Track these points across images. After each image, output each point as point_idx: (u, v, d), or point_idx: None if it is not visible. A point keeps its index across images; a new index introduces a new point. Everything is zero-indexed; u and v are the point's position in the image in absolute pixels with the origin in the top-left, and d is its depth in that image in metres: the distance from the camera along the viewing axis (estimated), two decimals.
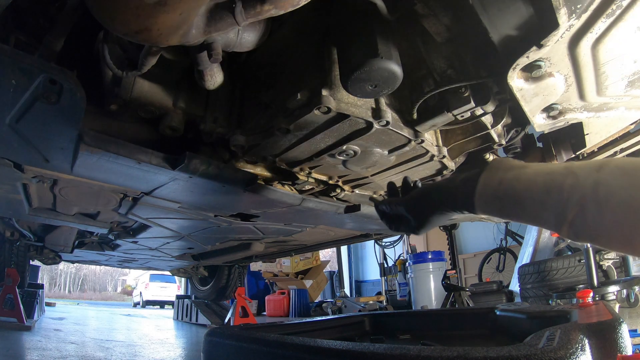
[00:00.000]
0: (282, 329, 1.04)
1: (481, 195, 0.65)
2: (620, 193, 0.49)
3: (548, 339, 0.48)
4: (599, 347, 0.49)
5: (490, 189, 0.63)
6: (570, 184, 0.53)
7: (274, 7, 0.68)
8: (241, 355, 0.71)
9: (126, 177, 1.26)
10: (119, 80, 1.02)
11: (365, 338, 1.15)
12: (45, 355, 2.07)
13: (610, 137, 1.33)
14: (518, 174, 0.61)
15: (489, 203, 0.64)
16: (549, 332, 0.51)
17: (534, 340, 0.49)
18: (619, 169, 0.51)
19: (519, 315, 0.93)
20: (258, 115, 1.14)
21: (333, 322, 1.19)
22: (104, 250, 2.77)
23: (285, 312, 5.28)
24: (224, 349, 0.76)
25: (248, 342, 0.70)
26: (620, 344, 0.55)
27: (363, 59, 0.81)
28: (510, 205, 0.62)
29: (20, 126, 0.92)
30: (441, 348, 0.49)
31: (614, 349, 0.54)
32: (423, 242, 8.04)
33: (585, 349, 0.45)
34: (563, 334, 0.49)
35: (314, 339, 0.64)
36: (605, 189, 0.50)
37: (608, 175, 0.51)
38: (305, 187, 1.45)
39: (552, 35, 0.73)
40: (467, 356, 0.45)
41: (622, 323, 0.61)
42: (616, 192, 0.49)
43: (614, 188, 0.49)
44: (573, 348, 0.44)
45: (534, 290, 3.13)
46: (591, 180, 0.51)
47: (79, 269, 26.91)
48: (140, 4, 0.65)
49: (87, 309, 8.26)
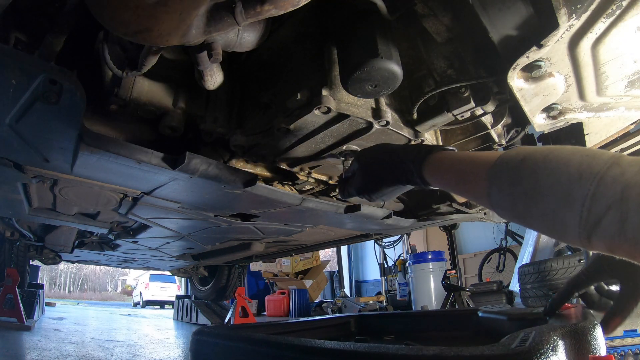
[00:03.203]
0: (270, 328, 1.05)
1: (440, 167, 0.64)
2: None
3: (522, 340, 0.49)
4: (572, 348, 0.50)
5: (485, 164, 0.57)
6: (614, 175, 0.40)
7: (274, 7, 0.68)
8: (227, 353, 0.73)
9: (126, 177, 1.26)
10: (119, 80, 1.02)
11: (351, 338, 1.16)
12: (45, 355, 2.07)
13: (610, 137, 1.33)
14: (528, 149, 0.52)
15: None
16: (524, 333, 0.52)
17: (508, 341, 0.50)
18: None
19: (500, 317, 0.95)
20: (258, 115, 1.14)
21: (320, 323, 1.21)
22: (104, 250, 2.77)
23: (285, 312, 5.27)
24: (211, 347, 0.78)
25: (234, 341, 0.72)
26: (594, 345, 0.57)
27: (363, 59, 0.81)
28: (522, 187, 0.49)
29: (20, 126, 0.92)
30: (418, 347, 0.51)
31: (587, 350, 0.55)
32: (423, 242, 8.04)
33: (557, 350, 0.46)
34: (537, 335, 0.49)
35: (298, 338, 0.66)
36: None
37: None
38: (305, 187, 1.45)
39: (552, 35, 0.73)
40: (442, 355, 0.46)
41: (596, 325, 0.63)
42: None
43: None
44: (544, 349, 0.44)
45: (534, 290, 3.13)
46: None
47: (79, 269, 26.92)
48: (140, 4, 0.65)
49: (87, 309, 8.26)
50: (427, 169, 0.67)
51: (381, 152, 0.78)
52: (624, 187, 0.39)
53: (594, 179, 0.41)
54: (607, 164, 0.42)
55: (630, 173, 0.40)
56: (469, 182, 0.59)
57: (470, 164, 0.60)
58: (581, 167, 0.43)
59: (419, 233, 7.92)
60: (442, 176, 0.65)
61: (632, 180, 0.39)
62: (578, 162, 0.44)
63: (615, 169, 0.41)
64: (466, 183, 0.60)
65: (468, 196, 0.61)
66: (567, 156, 0.46)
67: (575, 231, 0.43)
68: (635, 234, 0.38)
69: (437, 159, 0.66)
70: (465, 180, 0.60)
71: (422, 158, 0.68)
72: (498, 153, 0.55)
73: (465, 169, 0.60)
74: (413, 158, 0.69)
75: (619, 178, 0.40)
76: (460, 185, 0.62)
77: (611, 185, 0.40)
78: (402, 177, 0.72)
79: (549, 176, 0.46)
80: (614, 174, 0.40)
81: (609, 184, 0.40)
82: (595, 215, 0.41)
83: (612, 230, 0.39)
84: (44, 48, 0.94)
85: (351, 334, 1.23)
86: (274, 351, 0.63)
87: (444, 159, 0.65)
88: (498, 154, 0.55)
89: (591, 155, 0.44)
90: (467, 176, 0.60)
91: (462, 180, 0.61)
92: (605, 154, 0.44)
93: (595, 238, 0.41)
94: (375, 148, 0.81)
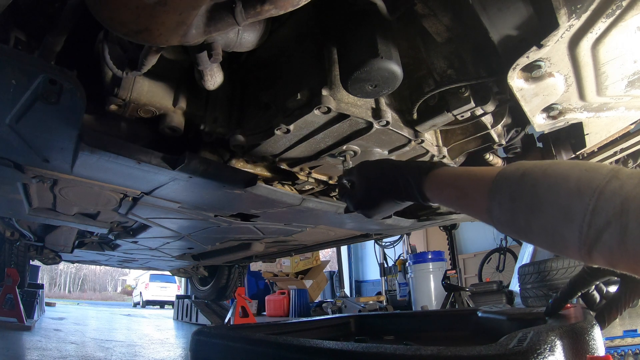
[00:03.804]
0: (269, 329, 1.06)
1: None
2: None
3: (519, 340, 0.50)
4: (570, 348, 0.51)
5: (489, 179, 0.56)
6: (613, 189, 0.40)
7: (274, 7, 0.68)
8: (227, 353, 0.74)
9: (126, 177, 1.26)
10: (119, 80, 1.02)
11: (350, 339, 1.17)
12: (45, 355, 2.07)
13: (610, 137, 1.33)
14: (526, 164, 0.52)
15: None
16: (522, 333, 0.53)
17: (506, 341, 0.51)
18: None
19: (500, 317, 0.96)
20: (258, 115, 1.14)
21: (319, 323, 1.22)
22: (104, 250, 2.77)
23: (285, 312, 5.27)
24: (211, 347, 0.79)
25: (233, 341, 0.73)
26: (592, 345, 0.58)
27: (363, 59, 0.81)
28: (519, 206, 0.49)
29: (20, 126, 0.92)
30: (416, 347, 0.52)
31: (585, 350, 0.56)
32: (423, 242, 8.04)
33: (554, 350, 0.47)
34: (534, 336, 0.50)
35: (296, 338, 0.67)
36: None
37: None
38: (305, 187, 1.45)
39: (552, 35, 0.73)
40: (440, 355, 0.47)
41: (594, 325, 0.63)
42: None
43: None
44: (541, 349, 0.45)
45: (534, 290, 3.13)
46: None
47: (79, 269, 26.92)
48: (140, 4, 0.65)
49: (87, 309, 8.26)
50: (427, 184, 0.67)
51: (382, 166, 0.78)
52: (624, 200, 0.39)
53: (594, 193, 0.41)
54: (605, 178, 0.42)
55: (630, 186, 0.40)
56: (469, 198, 0.60)
57: (470, 180, 0.60)
58: (580, 181, 0.44)
59: (419, 233, 7.93)
60: (442, 191, 0.66)
61: (631, 193, 0.39)
62: (577, 177, 0.44)
63: (614, 182, 0.41)
64: (466, 198, 0.61)
65: (468, 211, 0.61)
66: (566, 171, 0.46)
67: (575, 246, 0.43)
68: (636, 247, 0.37)
69: (437, 174, 0.67)
70: (466, 196, 0.61)
71: (423, 173, 0.68)
72: (498, 168, 0.56)
73: (465, 185, 0.61)
74: (414, 173, 0.70)
75: (618, 191, 0.40)
76: (460, 200, 0.62)
77: (611, 198, 0.40)
78: (402, 191, 0.72)
79: (548, 191, 0.46)
80: (613, 188, 0.41)
81: (609, 198, 0.40)
82: (595, 230, 0.40)
83: (613, 243, 0.39)
84: (44, 48, 0.94)
85: (351, 334, 1.24)
86: (273, 351, 0.64)
87: (444, 174, 0.66)
88: (498, 169, 0.55)
89: (590, 170, 0.44)
90: (467, 191, 0.60)
91: (462, 196, 0.61)
92: (603, 167, 0.44)
93: (596, 252, 0.41)
94: (377, 162, 0.82)
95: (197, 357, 0.82)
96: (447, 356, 0.46)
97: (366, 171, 0.81)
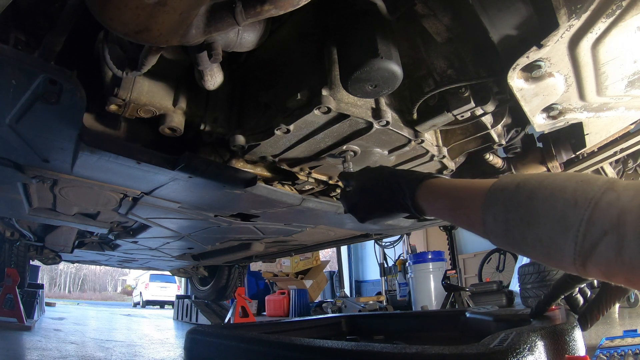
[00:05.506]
0: (262, 328, 1.07)
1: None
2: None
3: (501, 340, 0.51)
4: (550, 348, 0.53)
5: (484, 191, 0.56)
6: (609, 200, 0.40)
7: (274, 7, 0.68)
8: (220, 351, 0.76)
9: (126, 177, 1.26)
10: (119, 80, 1.02)
11: (341, 338, 1.18)
12: (45, 355, 2.07)
13: (610, 137, 1.33)
14: (519, 176, 0.53)
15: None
16: (504, 334, 0.55)
17: (488, 341, 0.52)
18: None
19: (486, 318, 0.99)
20: (258, 115, 1.14)
21: (311, 323, 1.24)
22: (104, 250, 2.77)
23: (285, 312, 5.28)
24: (204, 345, 0.81)
25: (227, 339, 0.75)
26: (572, 346, 0.60)
27: (363, 58, 0.81)
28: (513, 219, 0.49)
29: (20, 126, 0.92)
30: (402, 346, 0.54)
31: (564, 350, 0.58)
32: (423, 242, 8.04)
33: (534, 349, 0.48)
34: (516, 336, 0.52)
35: (288, 337, 0.69)
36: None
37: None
38: (305, 187, 1.45)
39: (552, 35, 0.73)
40: (424, 353, 0.49)
41: (575, 327, 0.66)
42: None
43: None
44: (520, 348, 0.47)
45: (534, 290, 3.13)
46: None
47: (79, 269, 26.93)
48: (140, 4, 0.65)
49: (87, 309, 8.26)
50: (420, 193, 0.67)
51: (381, 173, 0.78)
52: (620, 212, 0.39)
53: (589, 204, 0.41)
54: (601, 189, 0.42)
55: (626, 198, 0.39)
56: (463, 208, 0.59)
57: (464, 191, 0.59)
58: (576, 192, 0.43)
59: (419, 233, 7.92)
60: (436, 200, 0.65)
61: (628, 205, 0.39)
62: (573, 188, 0.44)
63: (610, 194, 0.41)
64: (460, 209, 0.60)
65: (461, 223, 0.60)
66: (562, 182, 0.46)
67: (570, 257, 0.42)
68: (632, 260, 0.37)
69: (432, 183, 0.66)
70: (460, 206, 0.60)
71: (417, 183, 0.68)
72: (492, 180, 0.55)
73: (460, 196, 0.60)
74: (408, 180, 0.70)
75: (615, 203, 0.40)
76: (454, 211, 0.61)
77: (607, 210, 0.40)
78: (394, 201, 0.72)
79: (544, 202, 0.46)
80: (609, 199, 0.40)
81: (605, 209, 0.40)
82: (590, 241, 0.40)
83: (609, 255, 0.39)
84: (44, 48, 0.94)
85: (342, 333, 1.25)
86: (265, 349, 0.65)
87: (438, 184, 0.66)
88: (492, 181, 0.55)
89: (586, 181, 0.44)
90: (461, 202, 0.59)
91: (456, 207, 0.61)
92: (599, 179, 0.44)
93: (590, 264, 0.41)
94: (377, 169, 0.82)
95: (191, 355, 0.84)
96: (431, 354, 0.48)
97: (364, 177, 0.82)
